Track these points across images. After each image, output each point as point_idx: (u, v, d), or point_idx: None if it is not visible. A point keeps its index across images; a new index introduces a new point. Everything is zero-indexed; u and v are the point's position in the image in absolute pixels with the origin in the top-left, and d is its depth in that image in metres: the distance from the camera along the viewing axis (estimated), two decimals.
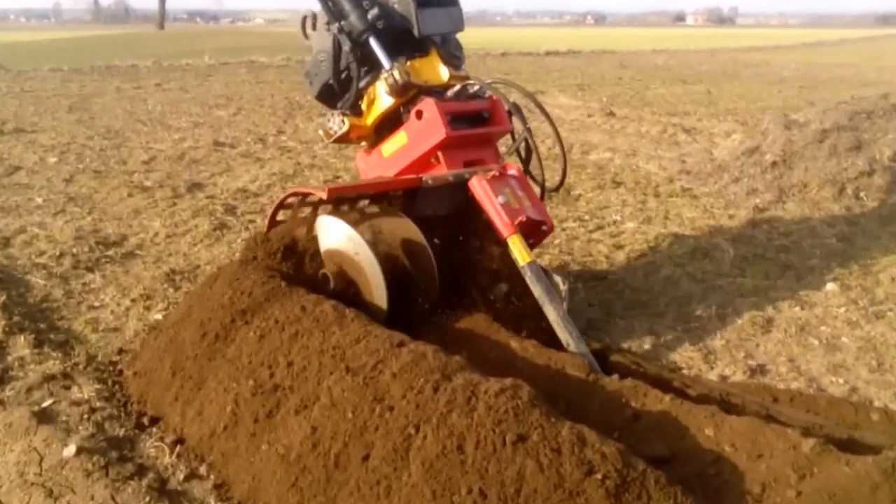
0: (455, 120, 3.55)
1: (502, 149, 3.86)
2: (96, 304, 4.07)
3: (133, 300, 4.07)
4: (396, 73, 3.53)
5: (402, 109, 3.64)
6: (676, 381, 3.14)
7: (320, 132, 3.83)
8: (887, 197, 5.72)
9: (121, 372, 3.29)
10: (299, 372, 2.65)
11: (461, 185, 3.52)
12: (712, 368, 3.33)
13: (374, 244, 3.23)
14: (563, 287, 3.52)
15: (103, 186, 6.46)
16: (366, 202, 3.60)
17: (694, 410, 2.56)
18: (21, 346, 3.46)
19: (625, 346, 3.58)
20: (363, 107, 3.74)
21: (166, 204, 5.92)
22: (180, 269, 4.52)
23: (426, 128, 3.50)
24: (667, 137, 9.38)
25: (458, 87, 3.66)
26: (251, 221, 5.53)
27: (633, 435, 2.54)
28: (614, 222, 5.50)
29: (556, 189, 3.87)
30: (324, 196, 3.24)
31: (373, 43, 3.64)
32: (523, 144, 3.79)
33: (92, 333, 3.69)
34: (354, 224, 3.30)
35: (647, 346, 3.57)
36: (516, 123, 3.75)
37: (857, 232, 5.11)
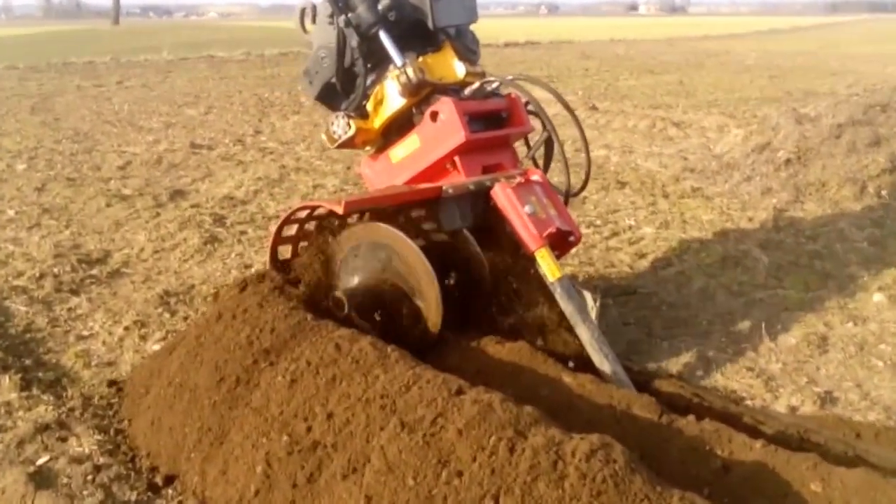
0: (473, 121, 3.24)
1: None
2: (85, 332, 3.68)
3: (126, 328, 3.68)
4: (410, 71, 3.20)
5: (413, 110, 3.31)
6: (746, 416, 2.85)
7: (322, 137, 3.48)
8: None
9: (122, 418, 2.91)
10: (342, 426, 2.31)
11: (482, 194, 3.21)
12: (777, 398, 3.05)
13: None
14: (593, 304, 3.25)
15: (79, 195, 6.01)
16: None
17: (793, 460, 2.26)
18: (6, 387, 3.06)
19: (673, 371, 3.29)
20: (369, 108, 3.38)
21: (149, 214, 5.51)
22: (174, 290, 4.13)
23: (443, 130, 3.19)
24: (657, 132, 9.15)
25: (476, 84, 3.34)
26: (242, 233, 5.15)
27: (727, 491, 2.24)
28: (630, 227, 5.22)
29: (577, 194, 3.57)
30: (339, 210, 2.88)
31: (383, 37, 3.30)
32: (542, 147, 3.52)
33: (84, 369, 3.30)
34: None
35: (698, 372, 3.29)
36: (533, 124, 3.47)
37: (887, 234, 4.88)
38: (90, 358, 3.41)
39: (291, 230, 3.31)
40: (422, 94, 3.26)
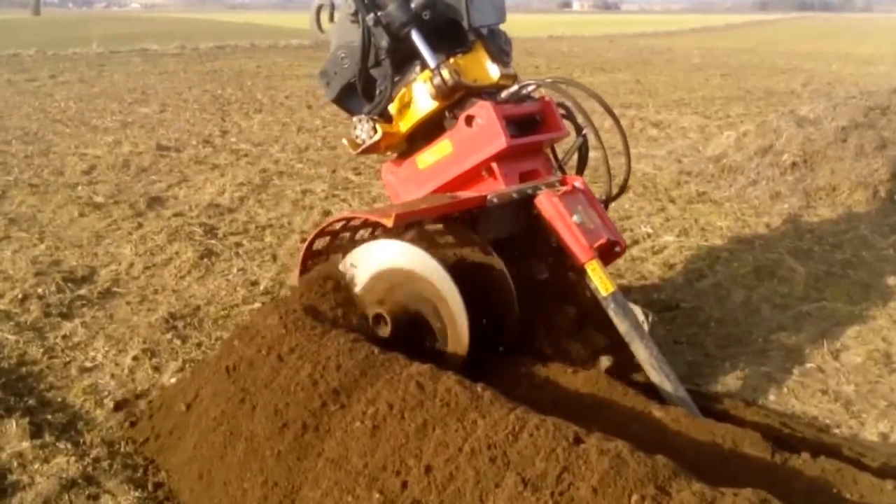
0: (510, 126, 3.01)
1: None
2: (88, 363, 3.29)
3: (135, 358, 3.31)
4: (445, 73, 2.94)
5: (446, 114, 3.06)
6: (844, 447, 2.65)
7: (344, 142, 3.18)
8: None
9: (158, 468, 2.56)
10: (446, 482, 2.02)
11: (523, 204, 3.01)
12: (863, 425, 2.88)
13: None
14: (645, 320, 3.03)
15: (46, 204, 5.53)
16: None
17: None
18: (14, 434, 2.68)
19: (746, 396, 3.09)
20: (392, 111, 3.12)
21: (130, 225, 5.08)
22: (178, 313, 3.76)
23: (480, 136, 2.95)
24: (638, 132, 9.01)
25: (514, 87, 3.11)
26: (238, 245, 4.78)
27: None
28: (648, 235, 5.02)
29: (615, 199, 3.41)
30: (389, 223, 2.61)
31: (415, 37, 3.04)
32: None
33: (97, 409, 2.93)
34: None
35: (771, 396, 3.10)
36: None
37: None
38: (101, 394, 3.03)
39: (322, 243, 3.05)
40: (455, 97, 3.02)
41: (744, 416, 2.84)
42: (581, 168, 3.43)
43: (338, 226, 3.04)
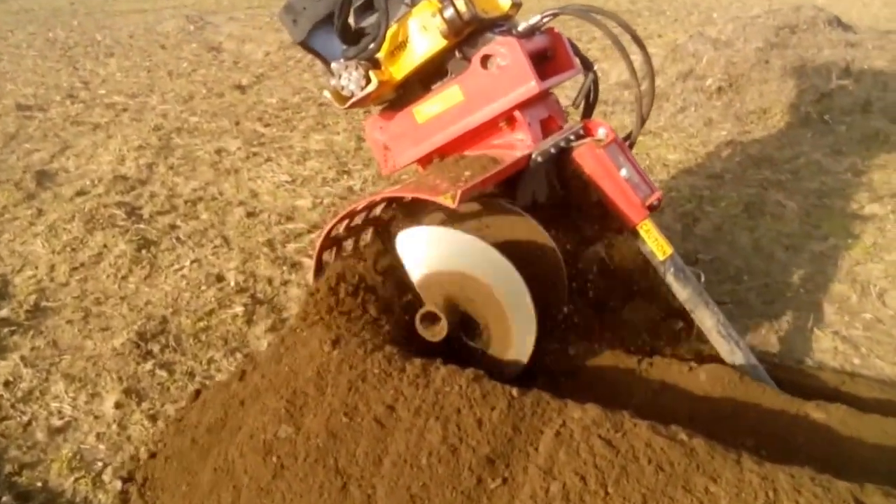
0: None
1: None
2: (56, 421, 2.54)
3: (118, 405, 2.59)
4: (461, 3, 2.39)
5: (456, 54, 2.54)
6: None
7: (326, 95, 2.55)
8: (852, 119, 5.35)
9: None
10: None
11: (557, 160, 2.59)
12: None
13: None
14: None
15: None
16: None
17: None
18: None
19: (831, 364, 2.82)
20: (380, 55, 2.52)
21: (27, 212, 4.13)
22: (145, 331, 3.01)
23: (502, 79, 2.46)
24: None
25: (536, 18, 2.61)
26: (174, 227, 3.97)
27: None
28: None
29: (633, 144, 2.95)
30: (453, 204, 2.10)
31: None
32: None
33: (98, 491, 2.23)
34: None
35: (856, 360, 2.83)
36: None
37: (856, 162, 4.63)
38: (93, 468, 2.32)
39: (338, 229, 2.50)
40: (465, 33, 2.48)
41: (851, 390, 2.57)
42: (590, 111, 2.99)
43: (361, 209, 2.46)
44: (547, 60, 2.76)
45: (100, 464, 2.33)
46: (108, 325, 3.08)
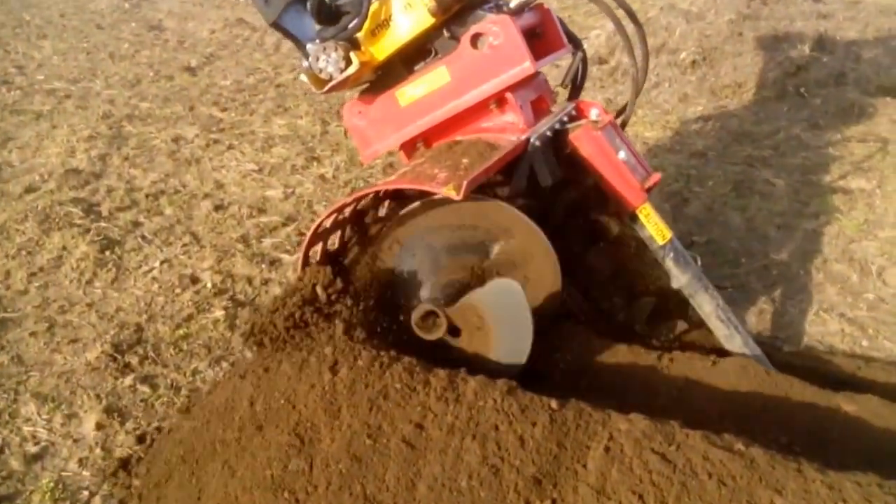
0: None
1: None
2: (32, 447, 2.32)
3: (99, 425, 2.38)
4: None
5: (444, 33, 2.42)
6: None
7: (303, 78, 2.40)
8: (827, 92, 5.33)
9: None
10: None
11: (552, 143, 2.48)
12: None
13: None
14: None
15: None
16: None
17: None
18: None
19: (842, 347, 2.76)
20: (359, 35, 2.38)
21: None
22: (119, 341, 2.79)
23: (495, 59, 2.36)
24: None
25: None
26: (137, 225, 3.72)
27: None
28: None
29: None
30: (457, 196, 1.97)
31: None
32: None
33: None
34: None
35: (864, 342, 2.79)
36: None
37: (836, 136, 4.60)
38: (78, 498, 2.13)
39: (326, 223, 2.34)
40: (453, 9, 2.36)
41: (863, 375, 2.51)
42: (577, 91, 2.89)
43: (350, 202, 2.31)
44: (536, 38, 2.65)
45: (86, 493, 2.13)
46: (76, 335, 2.85)
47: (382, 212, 2.49)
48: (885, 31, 5.87)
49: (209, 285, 3.16)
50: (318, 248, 2.30)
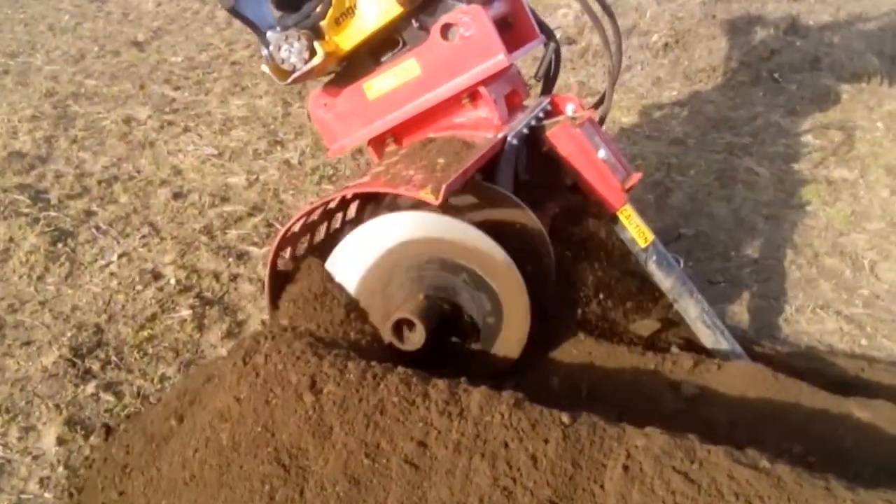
0: None
1: None
2: None
3: (61, 440, 2.19)
4: None
5: (413, 23, 2.33)
6: None
7: (265, 69, 2.28)
8: (802, 77, 5.27)
9: None
10: None
11: (527, 141, 2.44)
12: None
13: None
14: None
15: None
16: None
17: None
18: None
19: (844, 348, 2.71)
20: (323, 24, 2.27)
21: None
22: (77, 343, 2.59)
23: (466, 51, 2.27)
24: None
25: None
26: (90, 214, 3.49)
27: None
28: None
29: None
30: (435, 200, 1.88)
31: None
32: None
33: None
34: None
35: (863, 342, 2.74)
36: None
37: (813, 123, 4.57)
38: None
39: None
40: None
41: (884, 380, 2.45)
42: (551, 84, 2.80)
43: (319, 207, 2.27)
44: (508, 28, 2.56)
45: None
46: (29, 338, 2.64)
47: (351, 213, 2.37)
48: (857, 15, 5.85)
49: (173, 281, 2.97)
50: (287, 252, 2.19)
